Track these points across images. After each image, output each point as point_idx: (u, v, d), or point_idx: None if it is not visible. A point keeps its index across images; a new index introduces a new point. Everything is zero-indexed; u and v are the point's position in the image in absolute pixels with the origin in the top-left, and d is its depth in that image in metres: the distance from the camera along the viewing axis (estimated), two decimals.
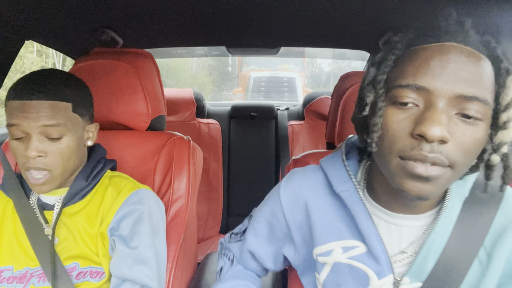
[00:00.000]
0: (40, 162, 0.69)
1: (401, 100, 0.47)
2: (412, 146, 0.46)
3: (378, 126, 0.49)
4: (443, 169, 0.46)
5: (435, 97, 0.45)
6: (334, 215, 0.62)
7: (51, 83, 0.70)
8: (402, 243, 0.57)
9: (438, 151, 0.45)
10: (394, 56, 0.50)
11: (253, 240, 0.72)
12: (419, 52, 0.48)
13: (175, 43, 1.44)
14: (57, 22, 1.02)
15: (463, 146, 0.45)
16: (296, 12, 0.99)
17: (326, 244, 0.61)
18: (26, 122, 0.66)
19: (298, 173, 0.68)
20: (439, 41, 0.47)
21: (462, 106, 0.45)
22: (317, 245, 0.62)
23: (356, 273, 0.59)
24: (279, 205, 0.67)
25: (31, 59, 6.58)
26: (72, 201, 0.77)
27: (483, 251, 0.55)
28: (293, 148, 2.03)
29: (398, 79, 0.48)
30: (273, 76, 7.20)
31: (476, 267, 0.55)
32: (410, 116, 0.47)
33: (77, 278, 0.74)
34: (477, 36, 0.48)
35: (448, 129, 0.44)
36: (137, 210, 0.77)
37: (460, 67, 0.45)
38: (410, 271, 0.56)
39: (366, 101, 0.52)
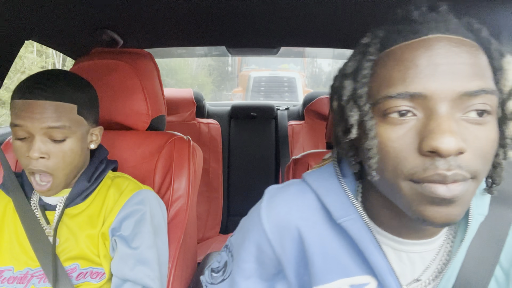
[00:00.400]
0: (42, 164, 0.68)
1: (396, 111, 0.39)
2: (424, 166, 0.38)
3: (374, 150, 0.41)
4: (466, 183, 0.38)
5: (435, 102, 0.37)
6: (336, 247, 0.51)
7: (57, 84, 0.69)
8: (416, 271, 0.50)
9: (457, 166, 0.37)
10: (370, 62, 0.42)
11: (243, 282, 0.57)
12: (401, 52, 0.40)
13: (175, 43, 1.44)
14: (57, 22, 1.02)
15: (481, 151, 0.38)
16: (296, 12, 0.99)
17: (330, 283, 0.50)
18: (30, 122, 0.66)
19: (281, 196, 0.55)
20: (420, 35, 0.39)
21: (468, 104, 0.38)
22: (318, 284, 0.51)
23: None
24: (265, 240, 0.54)
25: (31, 59, 6.57)
26: (74, 202, 0.76)
27: (499, 270, 0.49)
28: (293, 148, 2.03)
29: (384, 89, 0.40)
30: (273, 76, 7.19)
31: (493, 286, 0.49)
32: (411, 129, 0.39)
33: (77, 279, 0.74)
34: (457, 21, 0.41)
35: (460, 136, 0.37)
36: (139, 211, 0.77)
37: (453, 60, 0.37)
38: None
39: (351, 122, 0.44)
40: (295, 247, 0.53)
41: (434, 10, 0.41)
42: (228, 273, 0.61)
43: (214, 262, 0.66)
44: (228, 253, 0.62)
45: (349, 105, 0.44)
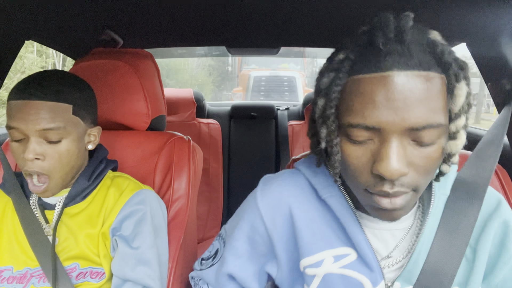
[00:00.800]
0: (38, 166, 0.68)
1: (354, 138, 0.46)
2: (374, 182, 0.46)
3: (337, 164, 0.49)
4: (407, 195, 0.46)
5: (387, 134, 0.44)
6: (321, 221, 0.58)
7: (52, 84, 0.69)
8: (388, 247, 0.57)
9: (399, 184, 0.45)
10: (338, 86, 0.47)
11: (234, 261, 0.64)
12: (363, 85, 0.44)
13: (175, 43, 1.44)
14: (57, 22, 1.02)
15: (424, 169, 0.45)
16: (296, 12, 0.99)
17: (316, 255, 0.57)
18: (24, 125, 0.66)
19: (275, 179, 0.64)
20: (381, 71, 0.43)
21: (415, 135, 0.44)
22: (305, 256, 0.58)
23: (349, 283, 0.56)
24: (258, 217, 0.61)
25: (31, 59, 6.58)
26: (74, 202, 0.76)
27: (468, 249, 0.56)
28: (293, 148, 2.03)
29: (347, 116, 0.46)
30: (273, 76, 7.19)
31: (463, 264, 0.56)
32: (368, 151, 0.46)
33: (77, 279, 0.74)
34: (418, 48, 0.44)
35: (406, 159, 0.44)
36: (140, 211, 0.77)
37: (406, 97, 0.42)
38: (401, 275, 0.55)
39: (321, 136, 0.51)
40: (285, 223, 0.60)
41: (399, 41, 0.44)
42: (218, 258, 0.67)
43: (205, 252, 0.73)
44: (221, 241, 0.69)
45: (320, 122, 0.51)
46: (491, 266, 0.56)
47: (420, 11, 0.88)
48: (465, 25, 0.95)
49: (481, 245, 0.55)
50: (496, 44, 0.96)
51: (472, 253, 0.56)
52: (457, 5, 0.83)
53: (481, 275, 0.55)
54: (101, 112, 0.95)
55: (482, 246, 0.55)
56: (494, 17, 0.87)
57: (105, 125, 0.98)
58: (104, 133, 0.97)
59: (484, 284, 0.56)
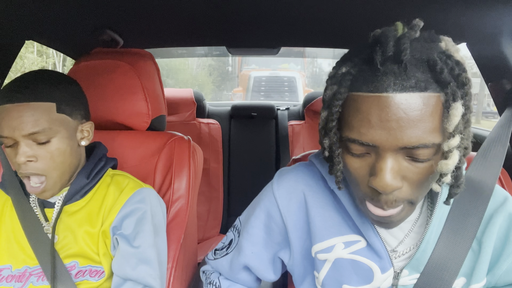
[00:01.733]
0: (32, 167, 0.68)
1: (353, 152, 0.49)
2: (371, 193, 0.49)
3: (338, 173, 0.53)
4: (402, 207, 0.49)
5: (382, 150, 0.46)
6: (332, 210, 0.62)
7: (32, 83, 0.68)
8: (396, 238, 0.59)
9: (394, 198, 0.48)
10: (340, 101, 0.49)
11: (250, 248, 0.68)
12: (360, 103, 0.46)
13: (175, 43, 1.44)
14: (57, 22, 1.02)
15: (418, 183, 0.48)
16: (296, 12, 0.99)
17: (327, 240, 0.61)
18: (11, 132, 0.66)
19: (290, 170, 0.67)
20: (377, 91, 0.45)
21: (410, 153, 0.46)
22: (317, 242, 0.61)
23: (359, 268, 0.59)
24: (274, 205, 0.65)
25: (31, 59, 6.58)
26: (73, 199, 0.76)
27: (474, 241, 0.58)
28: (293, 148, 2.03)
29: (346, 130, 0.49)
30: (273, 76, 7.19)
31: (469, 256, 0.58)
32: (366, 164, 0.49)
33: (76, 277, 0.74)
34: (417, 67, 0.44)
35: (400, 174, 0.47)
36: (140, 209, 0.77)
37: (400, 118, 0.44)
38: (410, 263, 0.58)
39: (324, 146, 0.54)
40: (300, 211, 0.64)
41: (397, 60, 0.44)
42: (232, 248, 0.71)
43: (219, 244, 0.76)
44: (235, 232, 0.73)
45: (322, 133, 0.54)
46: (496, 258, 0.58)
47: (420, 11, 0.88)
48: (465, 25, 0.95)
49: (486, 238, 0.57)
50: (496, 44, 0.96)
51: (478, 245, 0.58)
52: (457, 5, 0.83)
53: (486, 266, 0.57)
54: (101, 112, 0.95)
55: (488, 239, 0.57)
56: (494, 17, 0.87)
57: (105, 125, 0.98)
58: (104, 133, 0.97)
59: (489, 275, 0.58)
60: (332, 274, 0.61)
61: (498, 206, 0.59)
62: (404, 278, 0.58)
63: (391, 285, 0.59)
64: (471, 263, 0.58)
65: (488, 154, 0.63)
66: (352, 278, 0.60)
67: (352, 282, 0.60)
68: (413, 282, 0.58)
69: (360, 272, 0.59)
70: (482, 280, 0.57)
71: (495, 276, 0.58)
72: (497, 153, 0.63)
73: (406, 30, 0.46)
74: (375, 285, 0.59)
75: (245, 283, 0.73)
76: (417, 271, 0.58)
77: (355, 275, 0.59)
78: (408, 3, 0.84)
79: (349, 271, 0.60)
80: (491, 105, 10.69)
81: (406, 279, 0.58)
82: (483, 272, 0.57)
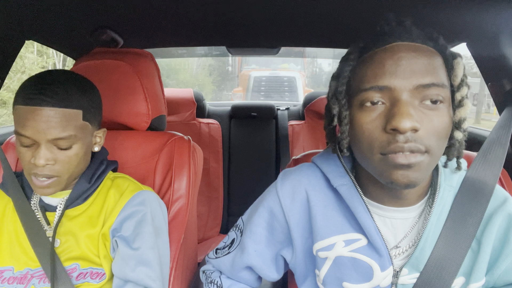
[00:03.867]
0: (48, 170, 0.68)
1: (369, 100, 0.51)
2: (388, 141, 0.49)
3: (346, 133, 0.55)
4: (421, 155, 0.49)
5: (398, 93, 0.49)
6: (334, 209, 0.63)
7: (63, 88, 0.67)
8: (397, 236, 0.60)
9: (413, 139, 0.48)
10: (350, 66, 0.55)
11: (253, 246, 0.68)
12: (373, 57, 0.52)
13: (175, 43, 1.44)
14: (57, 22, 1.02)
15: (434, 130, 0.49)
16: (296, 12, 0.99)
17: (328, 238, 0.61)
18: (36, 134, 0.65)
19: (293, 171, 0.68)
20: (388, 43, 0.52)
21: (423, 94, 0.49)
22: (318, 240, 0.62)
23: (359, 266, 0.60)
24: (278, 204, 0.66)
25: (31, 59, 6.58)
26: (75, 203, 0.76)
27: (474, 240, 0.58)
28: (293, 148, 2.03)
29: (360, 84, 0.52)
30: (273, 76, 7.19)
31: (469, 255, 0.58)
32: (380, 114, 0.51)
33: (77, 279, 0.74)
34: (419, 31, 0.53)
35: (417, 119, 0.48)
36: (140, 212, 0.77)
37: (411, 61, 0.49)
38: (409, 262, 0.58)
39: (333, 112, 0.57)
40: (302, 209, 0.65)
41: (401, 25, 0.54)
42: (234, 246, 0.72)
43: (220, 243, 0.77)
44: (237, 231, 0.74)
45: (333, 100, 0.57)
46: (495, 258, 0.58)
47: (420, 10, 0.88)
48: (465, 25, 0.95)
49: (486, 237, 0.58)
50: (496, 44, 0.96)
51: (477, 244, 0.58)
52: (457, 5, 0.83)
53: (485, 266, 0.57)
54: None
55: (487, 238, 0.57)
56: (494, 17, 0.87)
57: (105, 125, 0.98)
58: None
59: (488, 275, 0.58)
60: (333, 272, 0.62)
61: (498, 206, 0.59)
62: (404, 277, 0.59)
63: (390, 284, 0.59)
64: (470, 263, 0.58)
65: (488, 155, 0.64)
66: (352, 276, 0.60)
67: (352, 279, 0.60)
68: (412, 282, 0.58)
69: (360, 270, 0.60)
70: (481, 280, 0.58)
71: (494, 276, 0.58)
72: (498, 153, 0.64)
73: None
74: (375, 283, 0.59)
75: (247, 281, 0.73)
76: (417, 270, 0.58)
77: (355, 273, 0.60)
78: (408, 3, 0.84)
79: (349, 269, 0.60)
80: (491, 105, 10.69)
81: (406, 278, 0.59)
82: (482, 272, 0.57)
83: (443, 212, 0.59)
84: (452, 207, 0.59)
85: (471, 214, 0.57)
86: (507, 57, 0.96)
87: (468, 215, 0.57)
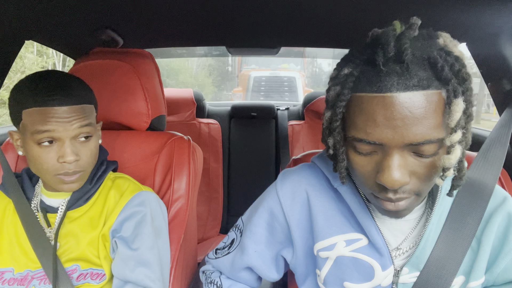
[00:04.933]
0: (76, 165, 0.70)
1: (359, 151, 0.50)
2: (379, 189, 0.50)
3: (342, 170, 0.54)
4: (410, 199, 0.50)
5: (388, 148, 0.47)
6: (334, 209, 0.63)
7: (74, 88, 0.71)
8: (398, 237, 0.60)
9: (402, 191, 0.49)
10: (343, 102, 0.50)
11: (253, 247, 0.68)
12: (365, 104, 0.47)
13: (175, 43, 1.44)
14: (57, 22, 1.02)
15: (424, 177, 0.48)
16: (296, 12, 0.99)
17: (329, 239, 0.61)
18: (61, 127, 0.67)
19: (293, 171, 0.68)
20: (381, 92, 0.45)
21: (415, 149, 0.47)
22: (319, 240, 0.62)
23: (360, 266, 0.60)
24: (278, 204, 0.66)
25: (31, 59, 6.58)
26: (76, 205, 0.76)
27: (473, 239, 0.59)
28: (293, 148, 2.03)
29: (351, 130, 0.50)
30: (273, 76, 7.19)
31: (468, 254, 0.59)
32: (372, 161, 0.50)
33: (78, 280, 0.74)
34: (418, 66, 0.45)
35: (408, 169, 0.47)
36: (140, 212, 0.77)
37: (405, 117, 0.45)
38: (409, 261, 0.58)
39: (328, 144, 0.55)
40: (302, 210, 0.64)
41: (399, 61, 0.45)
42: (234, 247, 0.71)
43: (220, 243, 0.76)
44: (237, 231, 0.73)
45: (327, 132, 0.54)
46: (494, 257, 0.59)
47: (421, 11, 0.88)
48: (465, 25, 0.95)
49: (485, 236, 0.58)
50: (496, 44, 0.96)
51: (477, 243, 0.59)
52: (457, 5, 0.83)
53: (484, 264, 0.57)
54: (101, 112, 0.95)
55: (486, 237, 0.58)
56: (494, 17, 0.87)
57: (105, 125, 0.98)
58: (104, 133, 0.97)
59: (487, 274, 0.59)
60: (334, 272, 0.62)
61: (498, 205, 0.60)
62: (404, 276, 0.59)
63: (391, 283, 0.60)
64: (470, 261, 0.59)
65: (488, 155, 0.64)
66: (353, 276, 0.60)
67: (353, 279, 0.60)
68: (413, 280, 0.59)
69: (361, 269, 0.60)
70: (481, 278, 0.58)
71: (493, 274, 0.59)
72: (497, 153, 0.64)
73: (405, 28, 0.46)
74: (376, 283, 0.59)
75: (247, 282, 0.73)
76: (417, 269, 0.58)
77: (356, 272, 0.60)
78: (408, 3, 0.84)
79: (350, 268, 0.60)
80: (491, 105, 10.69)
81: (406, 277, 0.59)
82: (481, 270, 0.58)
83: (444, 212, 0.59)
84: (452, 207, 0.59)
85: (471, 214, 0.58)
86: (507, 57, 0.96)
87: (468, 214, 0.58)
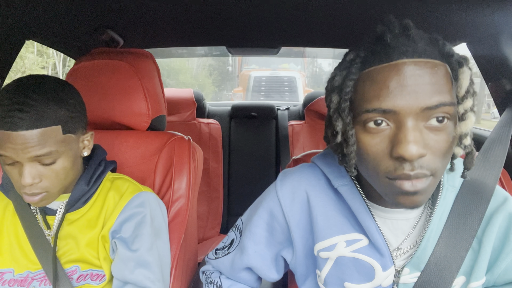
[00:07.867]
0: (36, 187, 0.65)
1: (370, 130, 0.49)
2: (395, 167, 0.48)
3: (353, 154, 0.51)
4: (427, 179, 0.48)
5: (403, 116, 0.46)
6: (335, 209, 0.62)
7: (34, 106, 0.61)
8: (398, 237, 0.60)
9: (419, 166, 0.47)
10: (352, 81, 0.50)
11: (253, 247, 0.68)
12: (376, 75, 0.48)
13: (175, 43, 1.44)
14: (57, 22, 1.02)
15: (440, 152, 0.48)
16: (296, 12, 0.99)
17: (329, 239, 0.61)
18: (15, 153, 0.62)
19: (293, 171, 0.68)
20: (391, 60, 0.47)
21: (430, 114, 0.46)
22: (319, 241, 0.62)
23: (361, 266, 0.60)
24: (277, 205, 0.66)
25: (32, 59, 6.58)
26: (75, 207, 0.76)
27: (474, 240, 0.59)
28: (294, 148, 2.03)
29: (363, 104, 0.49)
30: (273, 76, 7.19)
31: (469, 254, 0.58)
32: (385, 137, 0.48)
33: (78, 281, 0.74)
34: (423, 41, 0.48)
35: (423, 143, 0.46)
36: (139, 213, 0.76)
37: (417, 81, 0.46)
38: (410, 261, 0.58)
39: (336, 130, 0.53)
40: (302, 210, 0.64)
41: (405, 34, 0.48)
42: (234, 247, 0.71)
43: (219, 243, 0.76)
44: (237, 232, 0.73)
45: (335, 116, 0.53)
46: (495, 257, 0.58)
47: (421, 11, 0.88)
48: (465, 25, 0.95)
49: (486, 237, 0.58)
50: (496, 44, 0.96)
51: (478, 244, 0.59)
52: (457, 5, 0.83)
53: (485, 265, 0.57)
54: (101, 112, 0.95)
55: (487, 238, 0.58)
56: (494, 17, 0.87)
57: (105, 125, 0.98)
58: (104, 133, 0.97)
59: (488, 274, 0.59)
60: (334, 272, 0.62)
61: (498, 206, 0.60)
62: (405, 276, 0.59)
63: (392, 283, 0.60)
64: (470, 262, 0.58)
65: (488, 155, 0.64)
66: (354, 276, 0.60)
67: (353, 280, 0.60)
68: (413, 281, 0.59)
69: (362, 270, 0.60)
70: (482, 279, 0.58)
71: (494, 275, 0.59)
72: (498, 153, 0.64)
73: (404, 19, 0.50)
74: (377, 283, 0.59)
75: (247, 282, 0.73)
76: (418, 270, 0.58)
77: (356, 273, 0.60)
78: (408, 3, 0.84)
79: (351, 269, 0.60)
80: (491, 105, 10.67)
81: (407, 277, 0.59)
82: (482, 271, 0.58)
83: (445, 212, 0.59)
84: (453, 207, 0.59)
85: (472, 214, 0.58)
86: (507, 57, 0.96)
87: (469, 214, 0.58)
